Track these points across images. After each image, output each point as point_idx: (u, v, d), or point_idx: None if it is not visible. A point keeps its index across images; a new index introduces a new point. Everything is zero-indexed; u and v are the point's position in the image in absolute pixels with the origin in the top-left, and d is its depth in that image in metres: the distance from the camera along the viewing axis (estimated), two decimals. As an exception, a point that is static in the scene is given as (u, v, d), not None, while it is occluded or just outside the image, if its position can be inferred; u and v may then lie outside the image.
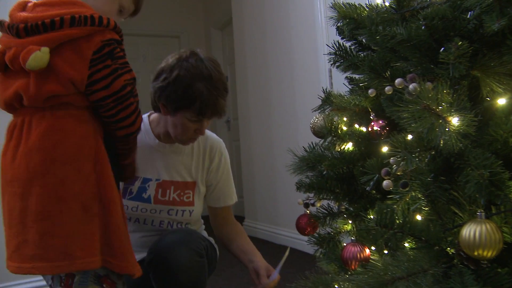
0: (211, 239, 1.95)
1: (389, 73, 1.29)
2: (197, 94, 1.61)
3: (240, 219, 5.32)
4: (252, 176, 4.93)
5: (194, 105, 1.62)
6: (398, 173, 1.13)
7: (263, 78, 4.64)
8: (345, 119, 1.60)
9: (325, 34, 3.75)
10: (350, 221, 1.57)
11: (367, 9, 1.58)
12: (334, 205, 1.64)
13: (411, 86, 1.08)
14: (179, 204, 1.82)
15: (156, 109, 1.75)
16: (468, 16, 1.15)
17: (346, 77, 1.70)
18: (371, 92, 1.35)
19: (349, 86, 1.67)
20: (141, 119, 1.32)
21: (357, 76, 1.65)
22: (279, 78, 4.38)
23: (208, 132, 1.92)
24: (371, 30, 1.31)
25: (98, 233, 1.22)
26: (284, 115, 4.32)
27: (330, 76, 3.68)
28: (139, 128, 1.31)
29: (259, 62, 4.73)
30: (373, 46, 1.40)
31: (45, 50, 1.16)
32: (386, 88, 1.24)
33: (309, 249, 1.74)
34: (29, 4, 1.26)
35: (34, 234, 1.19)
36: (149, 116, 1.87)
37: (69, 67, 1.20)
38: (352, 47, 1.63)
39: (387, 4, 1.52)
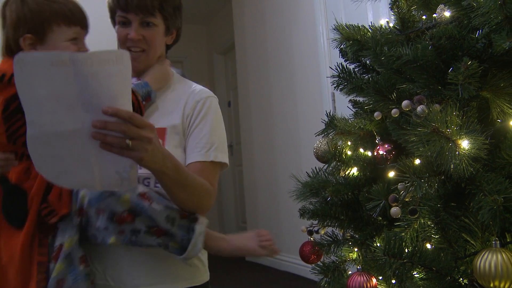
0: None
1: (395, 95, 1.25)
2: None
3: (243, 245, 5.23)
4: (255, 201, 4.87)
5: (113, 0, 1.45)
6: (406, 199, 1.08)
7: (266, 103, 4.62)
8: (349, 143, 1.55)
9: (328, 58, 3.73)
10: (355, 249, 1.51)
11: (370, 31, 1.55)
12: (338, 232, 1.58)
13: (419, 108, 1.04)
14: None
15: None
16: (476, 35, 1.11)
17: (350, 100, 1.65)
18: (377, 115, 1.30)
19: (353, 110, 1.63)
20: None
21: (361, 99, 1.60)
22: (282, 102, 4.35)
23: (202, 87, 1.60)
24: (376, 51, 1.27)
25: None
26: (287, 140, 4.27)
27: (333, 100, 3.65)
28: None
29: (261, 87, 4.71)
30: (377, 68, 1.35)
31: None
32: (392, 111, 1.20)
33: (313, 276, 1.68)
34: None
35: None
36: None
37: None
38: (356, 70, 1.59)
39: (391, 25, 1.49)
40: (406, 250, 1.09)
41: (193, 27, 6.54)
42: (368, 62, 1.56)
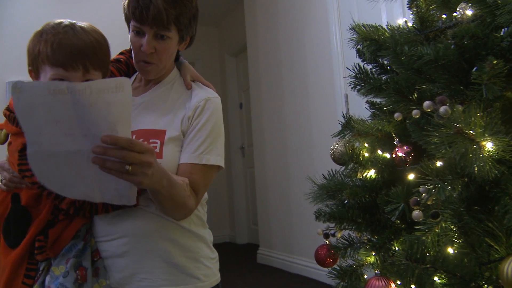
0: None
1: (416, 95, 1.21)
2: None
3: (255, 247, 5.21)
4: (267, 204, 4.84)
5: (129, 9, 1.41)
6: (428, 203, 1.05)
7: (278, 104, 4.59)
8: (366, 145, 1.52)
9: (341, 58, 3.70)
10: (373, 253, 1.48)
11: (388, 31, 1.52)
12: (355, 235, 1.55)
13: (441, 109, 1.01)
14: None
15: None
16: (501, 34, 1.08)
17: (367, 101, 1.63)
18: (397, 116, 1.27)
19: (370, 111, 1.60)
20: None
21: (378, 100, 1.58)
22: (295, 104, 4.33)
23: (204, 87, 1.59)
24: (396, 50, 1.24)
25: None
26: (299, 142, 4.25)
27: (347, 102, 3.62)
28: None
29: (274, 88, 4.69)
30: (396, 68, 1.32)
31: (3, 132, 1.39)
32: (413, 112, 1.17)
33: (327, 279, 1.65)
34: None
35: None
36: None
37: (11, 155, 1.35)
38: (373, 70, 1.56)
39: (409, 24, 1.46)
40: (428, 255, 1.06)
41: (204, 29, 6.54)
42: (385, 62, 1.53)
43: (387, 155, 1.43)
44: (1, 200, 1.35)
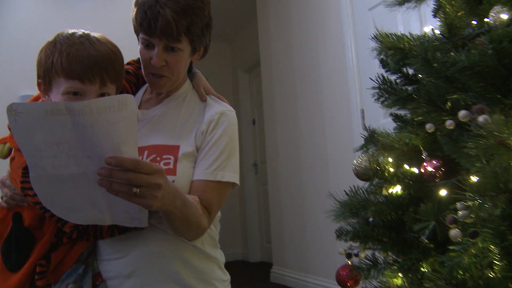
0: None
1: (449, 104, 1.13)
2: (139, 5, 1.33)
3: (268, 265, 5.10)
4: (281, 221, 4.74)
5: (137, 21, 1.33)
6: (467, 221, 0.96)
7: (292, 120, 4.52)
8: (390, 159, 1.44)
9: (357, 74, 3.62)
10: (400, 274, 1.38)
11: (412, 39, 1.44)
12: (379, 255, 1.46)
13: (481, 118, 0.93)
14: None
15: None
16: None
17: (391, 114, 1.55)
18: (430, 127, 1.18)
19: (396, 123, 1.52)
20: None
21: (403, 112, 1.50)
22: (309, 119, 4.25)
23: (218, 101, 1.51)
24: (427, 57, 1.16)
25: None
26: (314, 158, 4.16)
27: (363, 117, 3.54)
28: None
29: (287, 104, 4.62)
30: (426, 77, 1.24)
31: (6, 146, 1.35)
32: (447, 123, 1.08)
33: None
34: None
35: None
36: None
37: (13, 171, 1.29)
38: (397, 80, 1.48)
39: (437, 32, 1.38)
40: (461, 277, 0.97)
41: (217, 45, 6.51)
42: (411, 72, 1.46)
43: (415, 170, 1.34)
44: (1, 218, 1.27)
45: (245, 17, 6.00)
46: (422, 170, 1.28)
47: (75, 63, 1.14)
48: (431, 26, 1.41)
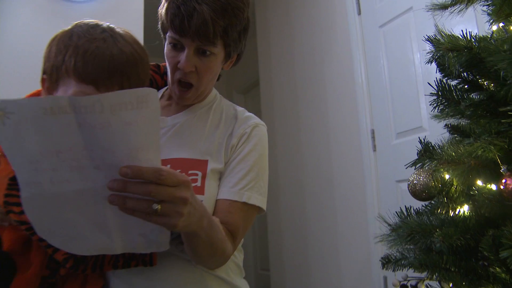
0: None
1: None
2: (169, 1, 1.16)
3: (267, 295, 4.88)
4: (281, 247, 4.53)
5: (167, 17, 1.15)
6: None
7: (294, 142, 4.35)
8: (455, 175, 1.25)
9: (366, 93, 3.46)
10: (471, 311, 1.19)
11: (473, 40, 1.28)
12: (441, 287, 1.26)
13: None
14: None
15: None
16: None
17: (446, 125, 1.37)
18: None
19: (453, 135, 1.34)
20: None
21: (463, 122, 1.32)
22: (313, 141, 4.08)
23: (249, 113, 1.35)
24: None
25: None
26: (319, 181, 3.97)
27: (373, 138, 3.37)
28: None
29: (289, 125, 4.45)
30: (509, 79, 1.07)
31: None
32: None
33: None
34: None
35: None
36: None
37: None
38: (457, 87, 1.31)
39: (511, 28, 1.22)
40: None
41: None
42: (475, 78, 1.28)
43: (493, 187, 1.15)
44: None
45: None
46: (502, 187, 1.10)
47: (92, 65, 0.93)
48: (501, 24, 1.24)
